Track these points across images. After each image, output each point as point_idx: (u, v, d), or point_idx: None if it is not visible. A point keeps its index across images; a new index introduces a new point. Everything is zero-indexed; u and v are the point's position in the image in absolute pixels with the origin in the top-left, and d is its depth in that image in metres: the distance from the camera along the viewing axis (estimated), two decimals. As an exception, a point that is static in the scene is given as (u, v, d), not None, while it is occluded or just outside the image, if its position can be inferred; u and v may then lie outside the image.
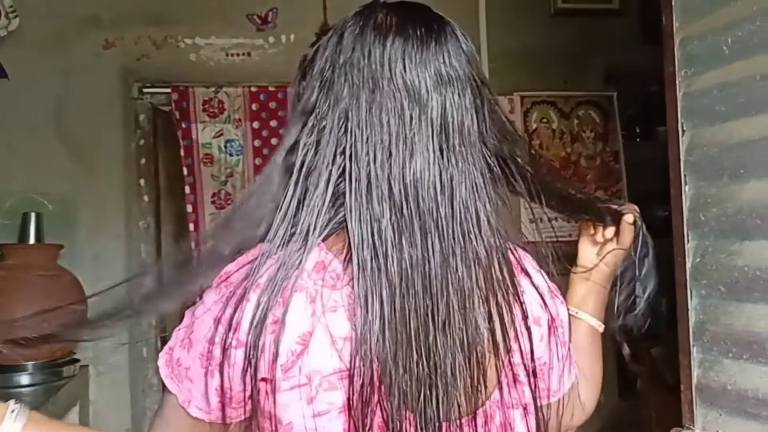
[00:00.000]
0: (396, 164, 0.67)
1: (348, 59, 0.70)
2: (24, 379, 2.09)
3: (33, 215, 2.34)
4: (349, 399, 0.63)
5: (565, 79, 2.93)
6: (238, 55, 2.73)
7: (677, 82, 1.41)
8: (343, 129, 0.69)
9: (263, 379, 0.64)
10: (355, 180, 0.67)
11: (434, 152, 0.68)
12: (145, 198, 2.73)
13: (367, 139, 0.67)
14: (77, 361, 2.29)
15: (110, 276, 2.53)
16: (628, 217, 0.96)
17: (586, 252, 1.00)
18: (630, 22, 2.97)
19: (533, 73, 2.87)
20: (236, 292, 0.65)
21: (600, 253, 0.98)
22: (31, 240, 2.31)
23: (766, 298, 1.27)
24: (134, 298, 0.71)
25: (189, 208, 2.70)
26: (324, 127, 0.70)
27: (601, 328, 0.98)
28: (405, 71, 0.68)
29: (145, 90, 2.68)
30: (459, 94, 0.70)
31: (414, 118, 0.68)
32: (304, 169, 0.69)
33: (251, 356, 0.63)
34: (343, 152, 0.68)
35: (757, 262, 1.29)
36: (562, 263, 0.83)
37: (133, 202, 2.66)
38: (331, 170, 0.68)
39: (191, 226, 2.70)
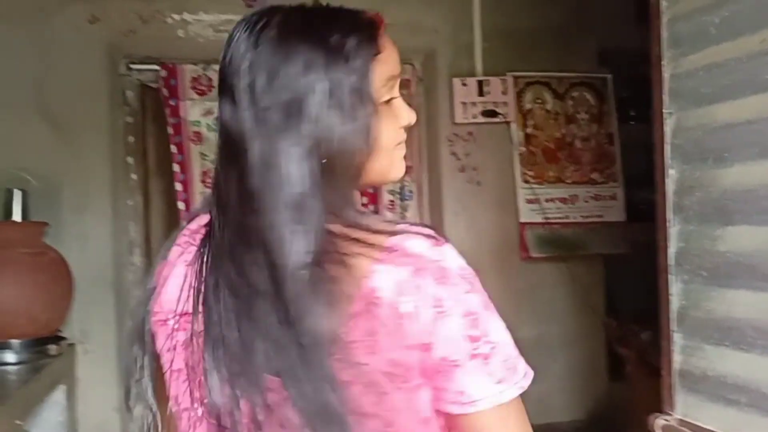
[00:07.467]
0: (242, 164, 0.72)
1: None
2: (9, 357, 2.06)
3: (18, 192, 2.31)
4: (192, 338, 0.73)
5: (558, 59, 2.89)
6: (227, 31, 2.66)
7: (663, 63, 1.38)
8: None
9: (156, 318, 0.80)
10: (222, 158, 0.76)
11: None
12: (133, 176, 2.70)
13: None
14: (64, 339, 2.27)
15: (97, 255, 2.52)
16: None
17: None
18: (625, 2, 2.91)
19: (527, 54, 2.83)
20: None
21: None
22: (16, 217, 2.29)
23: (747, 284, 1.26)
24: None
25: (178, 187, 2.67)
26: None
27: None
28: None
29: (132, 66, 2.65)
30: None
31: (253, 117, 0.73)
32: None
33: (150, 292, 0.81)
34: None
35: (739, 248, 1.27)
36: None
37: (121, 179, 2.62)
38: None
39: (181, 205, 2.68)
